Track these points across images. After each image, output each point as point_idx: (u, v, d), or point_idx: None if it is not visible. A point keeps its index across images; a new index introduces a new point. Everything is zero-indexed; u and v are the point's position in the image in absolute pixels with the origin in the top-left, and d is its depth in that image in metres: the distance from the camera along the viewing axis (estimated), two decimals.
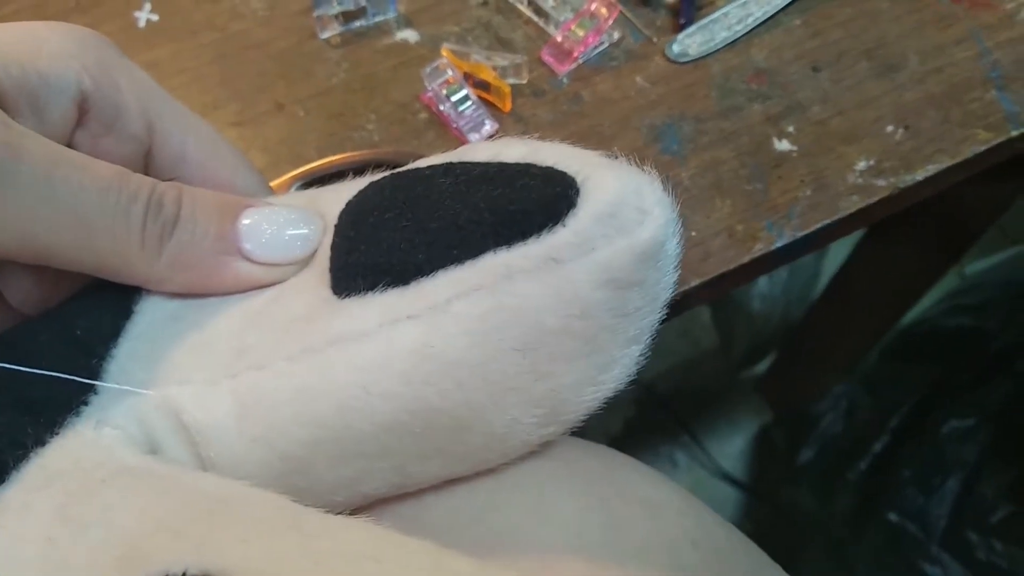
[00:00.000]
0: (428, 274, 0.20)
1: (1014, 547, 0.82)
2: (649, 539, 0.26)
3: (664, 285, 0.21)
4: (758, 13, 0.42)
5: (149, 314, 0.23)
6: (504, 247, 0.19)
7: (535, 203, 0.19)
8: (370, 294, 0.21)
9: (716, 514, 0.29)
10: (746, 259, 0.36)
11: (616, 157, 0.21)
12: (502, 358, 0.20)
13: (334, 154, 0.39)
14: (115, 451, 0.21)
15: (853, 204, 0.37)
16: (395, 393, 0.21)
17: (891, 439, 0.93)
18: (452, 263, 0.20)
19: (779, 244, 0.36)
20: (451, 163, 0.21)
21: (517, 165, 0.20)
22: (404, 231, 0.20)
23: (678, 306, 0.36)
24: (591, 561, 0.24)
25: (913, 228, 0.72)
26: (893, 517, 0.90)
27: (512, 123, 0.39)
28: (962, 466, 0.85)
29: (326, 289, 0.22)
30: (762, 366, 1.12)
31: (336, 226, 0.23)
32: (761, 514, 1.07)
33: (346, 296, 0.21)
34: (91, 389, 0.22)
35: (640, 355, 0.22)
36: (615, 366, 0.22)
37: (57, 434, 0.21)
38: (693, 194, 0.37)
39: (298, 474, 0.22)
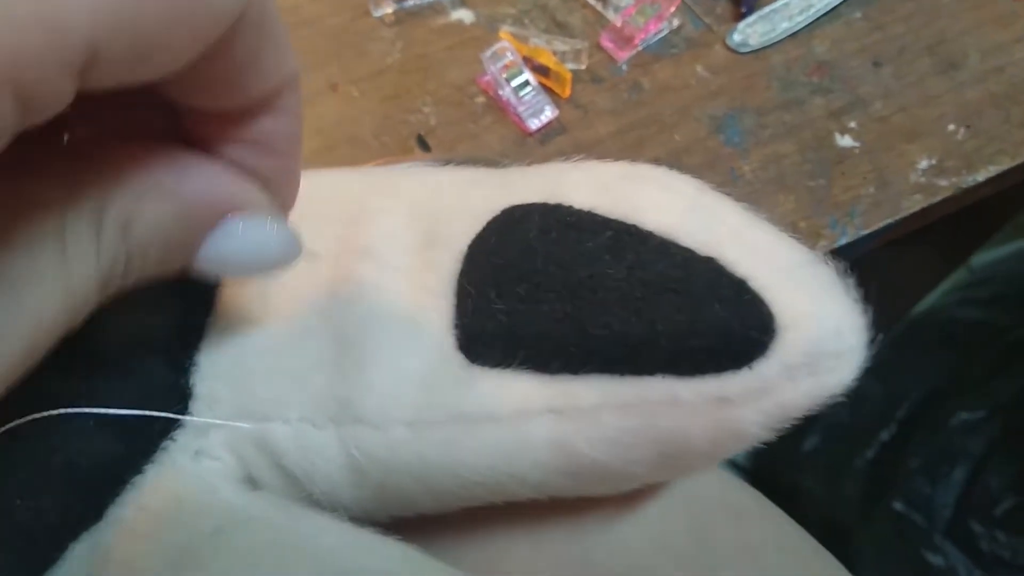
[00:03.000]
0: (577, 373, 0.18)
1: (1017, 538, 0.83)
2: (734, 543, 0.26)
3: None
4: (820, 5, 0.41)
5: (227, 313, 0.22)
6: (674, 376, 0.17)
7: (723, 343, 0.17)
8: (507, 372, 0.19)
9: (788, 517, 0.29)
10: None
11: (820, 259, 0.18)
12: (638, 460, 0.19)
13: (389, 137, 0.38)
14: (219, 490, 0.20)
15: (916, 203, 0.37)
16: (521, 476, 0.19)
17: (899, 429, 0.93)
18: (610, 371, 0.18)
19: (842, 242, 0.36)
20: (621, 235, 0.19)
21: (702, 267, 0.18)
22: (560, 322, 0.18)
23: None
24: (680, 564, 0.24)
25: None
26: (899, 506, 0.91)
27: (571, 110, 0.39)
28: (969, 457, 0.86)
29: (448, 341, 0.20)
30: None
31: (468, 270, 0.20)
32: None
33: (479, 365, 0.19)
34: (185, 412, 0.21)
35: None
36: None
37: (153, 462, 0.20)
38: (756, 188, 0.37)
39: (401, 508, 0.21)
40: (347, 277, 0.21)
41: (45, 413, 0.18)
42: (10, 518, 0.17)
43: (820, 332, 0.17)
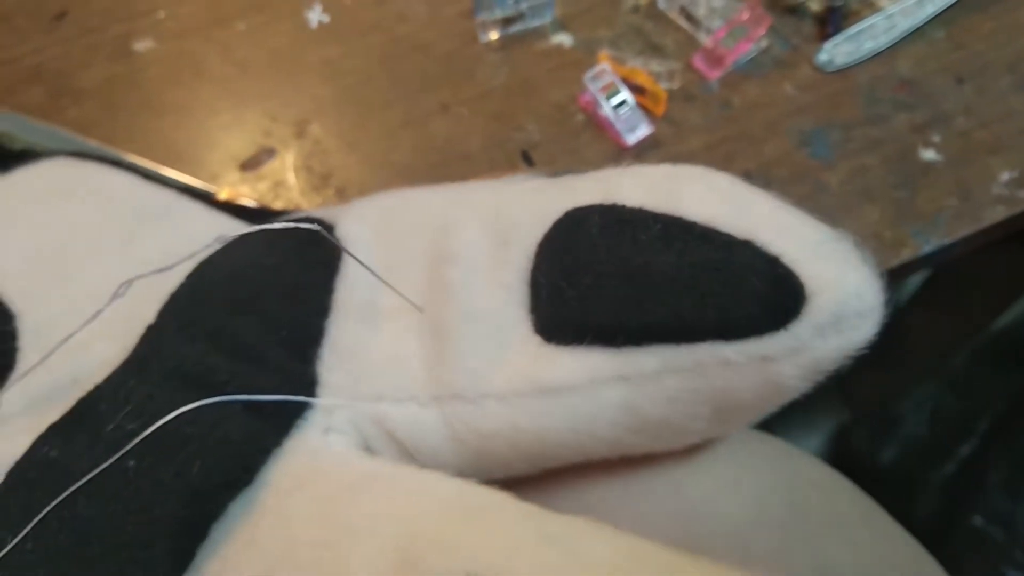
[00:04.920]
0: (639, 344, 0.21)
1: None
2: (827, 518, 0.28)
3: None
4: (904, 25, 0.43)
5: (342, 312, 0.25)
6: (723, 341, 0.20)
7: (761, 310, 0.20)
8: (580, 348, 0.22)
9: (873, 499, 0.31)
10: (894, 264, 0.38)
11: (842, 234, 0.21)
12: (696, 415, 0.22)
13: (497, 153, 0.41)
14: (349, 457, 0.23)
15: (998, 214, 0.39)
16: (598, 435, 0.23)
17: (979, 443, 0.93)
18: (668, 342, 0.21)
19: (926, 251, 0.38)
20: (669, 226, 0.21)
21: (740, 249, 0.20)
22: (621, 301, 0.21)
23: None
24: (777, 533, 0.27)
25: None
26: (978, 521, 0.91)
27: (665, 126, 0.42)
28: None
29: (526, 326, 0.23)
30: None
31: (540, 264, 0.23)
32: None
33: (555, 344, 0.22)
34: (313, 395, 0.24)
35: None
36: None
37: (290, 436, 0.23)
38: (842, 199, 0.39)
39: (496, 470, 0.25)
40: (438, 280, 0.25)
41: (205, 401, 0.22)
42: (186, 479, 0.21)
43: (843, 295, 0.20)
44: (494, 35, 0.44)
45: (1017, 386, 0.91)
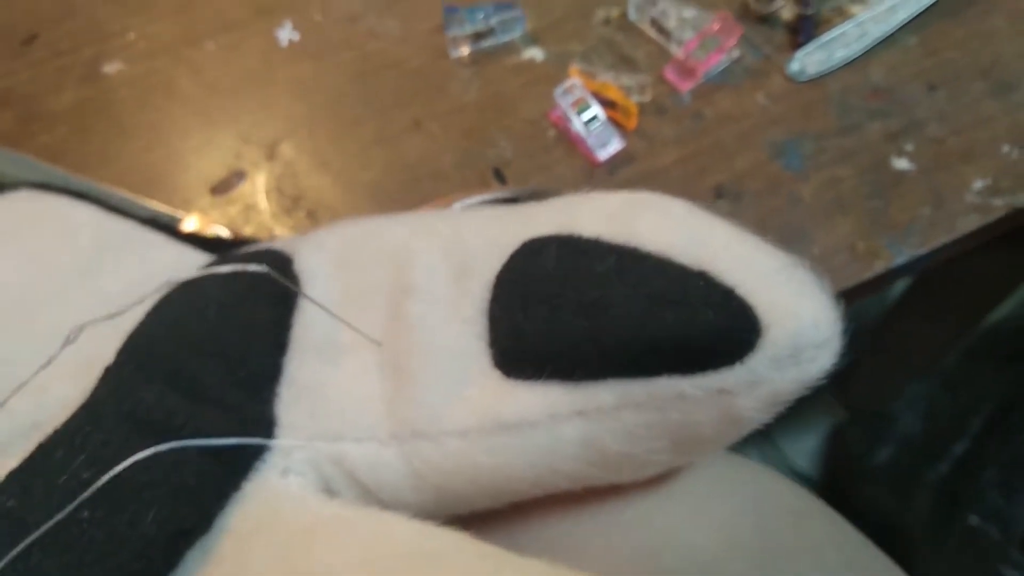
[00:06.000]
0: (597, 378, 0.21)
1: None
2: (799, 542, 0.28)
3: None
4: (876, 33, 0.43)
5: (300, 348, 0.25)
6: (679, 375, 0.20)
7: (716, 342, 0.20)
8: (539, 384, 0.22)
9: (846, 520, 0.31)
10: (868, 276, 0.38)
11: (799, 260, 0.21)
12: (656, 448, 0.22)
13: (469, 170, 0.41)
14: (308, 500, 0.23)
15: (971, 223, 0.39)
16: (559, 469, 0.23)
17: (972, 441, 0.93)
18: (624, 375, 0.21)
19: (899, 262, 0.38)
20: (623, 258, 0.21)
21: (695, 281, 0.20)
22: (578, 335, 0.21)
23: None
24: (748, 561, 0.26)
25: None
26: (973, 520, 0.91)
27: (637, 140, 0.41)
28: None
29: (485, 360, 0.23)
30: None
31: (498, 296, 0.23)
32: None
33: (515, 379, 0.22)
34: (271, 437, 0.24)
35: None
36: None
37: (249, 479, 0.23)
38: (815, 211, 0.39)
39: (459, 506, 0.24)
40: (399, 313, 0.25)
41: (159, 447, 0.22)
42: (140, 528, 0.21)
43: (800, 327, 0.19)
44: (465, 50, 0.44)
45: (1010, 383, 0.91)
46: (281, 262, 0.26)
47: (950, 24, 0.44)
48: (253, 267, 0.22)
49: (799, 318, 0.20)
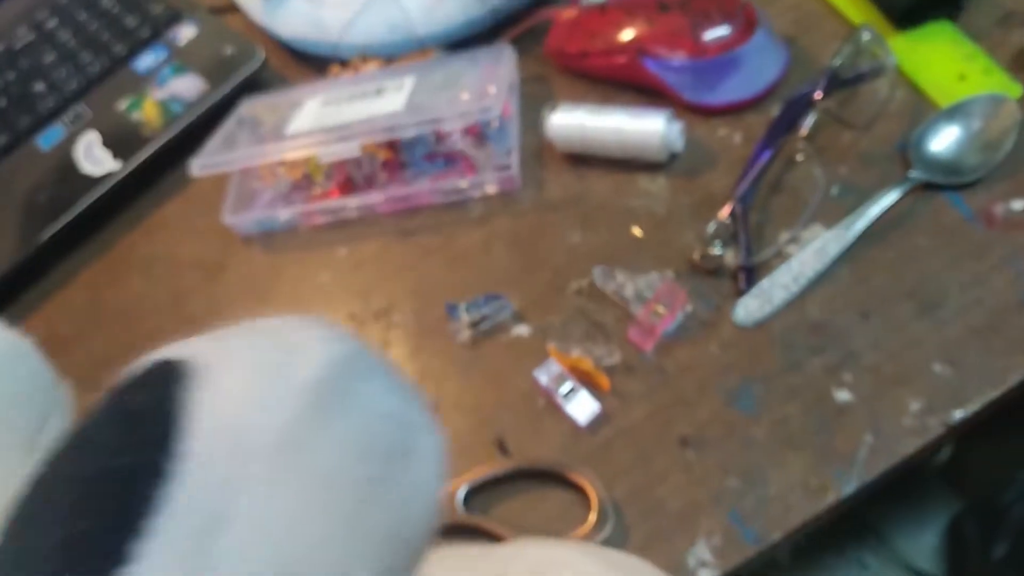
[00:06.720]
0: None
1: None
2: None
3: None
4: (810, 272, 0.49)
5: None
6: None
7: None
8: None
9: None
10: (821, 509, 0.43)
11: None
12: None
13: (476, 442, 0.49)
14: None
15: (911, 445, 0.43)
16: None
17: None
18: None
19: (847, 492, 0.43)
20: None
21: None
22: None
23: (764, 565, 0.43)
24: None
25: None
26: None
27: (613, 400, 0.49)
28: None
29: None
30: (944, 452, 1.11)
31: None
32: None
33: None
34: None
35: None
36: None
37: None
38: (769, 451, 0.45)
39: None
40: None
41: None
42: None
43: None
44: (466, 336, 0.53)
45: None
46: None
47: (878, 249, 0.49)
48: None
49: None
